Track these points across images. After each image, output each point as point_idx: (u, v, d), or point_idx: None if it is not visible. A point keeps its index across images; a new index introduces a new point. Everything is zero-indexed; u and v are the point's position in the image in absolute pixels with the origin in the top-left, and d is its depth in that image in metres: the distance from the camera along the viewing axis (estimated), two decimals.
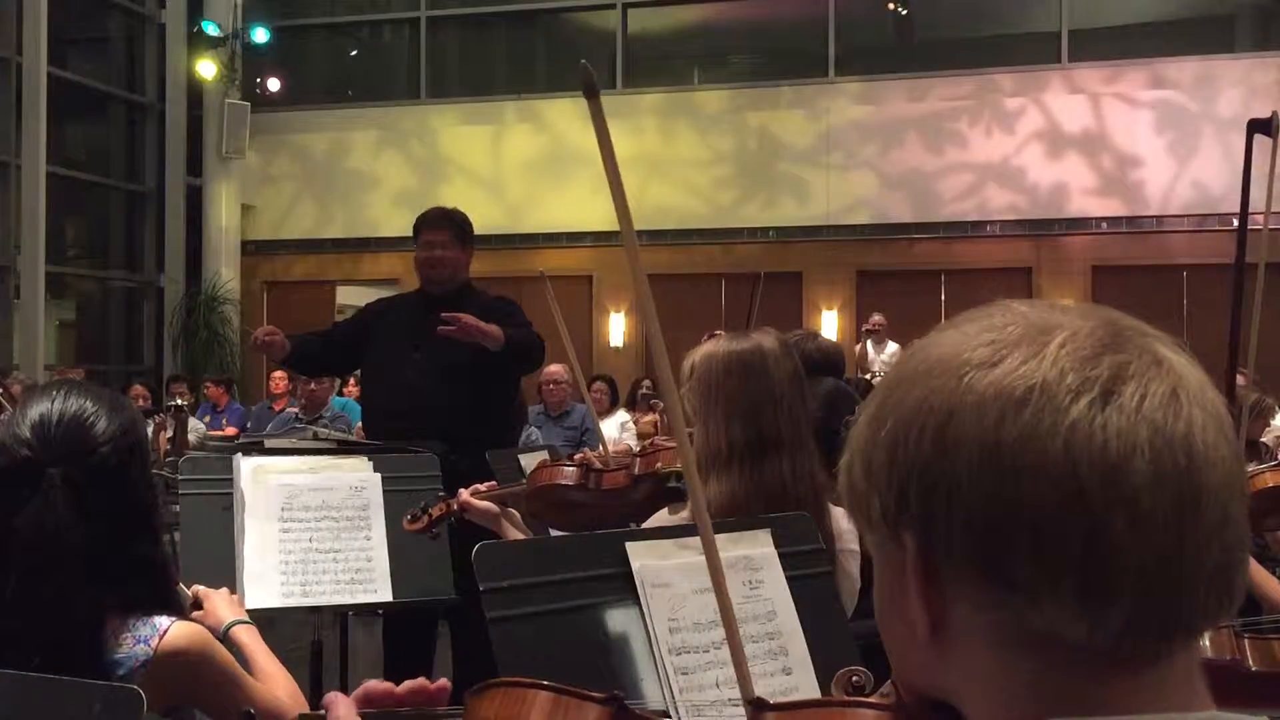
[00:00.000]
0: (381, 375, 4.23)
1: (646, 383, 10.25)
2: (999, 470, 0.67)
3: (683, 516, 2.30)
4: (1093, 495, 0.65)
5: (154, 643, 1.73)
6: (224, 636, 1.96)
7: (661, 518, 2.35)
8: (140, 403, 8.96)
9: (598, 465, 2.92)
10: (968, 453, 0.68)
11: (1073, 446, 0.66)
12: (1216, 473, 0.67)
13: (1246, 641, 2.02)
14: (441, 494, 3.06)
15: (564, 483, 2.95)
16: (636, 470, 2.86)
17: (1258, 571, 2.84)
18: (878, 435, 0.73)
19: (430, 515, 3.00)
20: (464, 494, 2.90)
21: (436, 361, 4.03)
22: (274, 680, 1.92)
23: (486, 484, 3.00)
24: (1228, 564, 0.68)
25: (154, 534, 1.83)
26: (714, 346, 2.36)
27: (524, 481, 3.09)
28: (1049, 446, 0.66)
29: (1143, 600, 0.66)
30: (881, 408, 0.74)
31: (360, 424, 5.16)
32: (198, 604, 2.05)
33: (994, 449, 0.67)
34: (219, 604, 2.03)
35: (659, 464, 2.85)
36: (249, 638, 1.98)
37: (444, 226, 4.30)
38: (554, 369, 7.84)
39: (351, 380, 9.03)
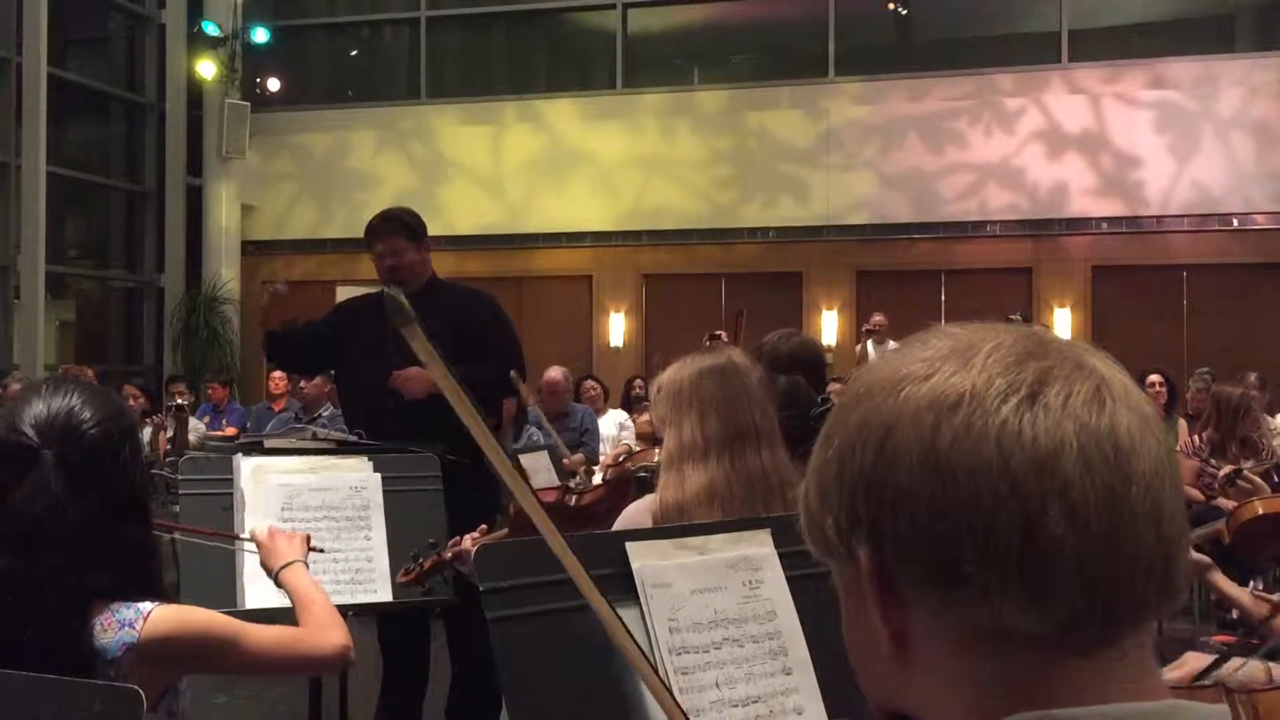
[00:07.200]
0: (359, 377, 4.21)
1: (638, 382, 10.26)
2: (938, 473, 0.71)
3: (649, 501, 2.34)
4: (1026, 488, 0.69)
5: (139, 625, 1.75)
6: (275, 579, 2.12)
7: (632, 507, 2.39)
8: (132, 403, 8.93)
9: (574, 487, 2.97)
10: (907, 460, 0.72)
11: (1004, 444, 0.70)
12: (1144, 463, 0.71)
13: (1236, 697, 2.00)
14: (433, 542, 3.05)
15: (545, 503, 2.99)
16: (610, 477, 2.91)
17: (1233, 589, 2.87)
18: (826, 455, 0.77)
19: (422, 567, 2.99)
20: (467, 542, 2.93)
21: (413, 361, 4.01)
22: (315, 623, 1.99)
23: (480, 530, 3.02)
24: (1166, 554, 0.71)
25: (143, 520, 1.87)
26: (682, 364, 2.43)
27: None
28: (981, 446, 0.70)
29: (1085, 588, 0.69)
30: (829, 430, 0.78)
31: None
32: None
33: (931, 453, 0.71)
34: (279, 546, 2.14)
35: (629, 465, 2.91)
36: (295, 579, 2.07)
37: (395, 233, 4.22)
38: (553, 375, 7.84)
39: None
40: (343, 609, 3.20)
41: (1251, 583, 4.84)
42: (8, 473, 1.76)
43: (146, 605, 1.78)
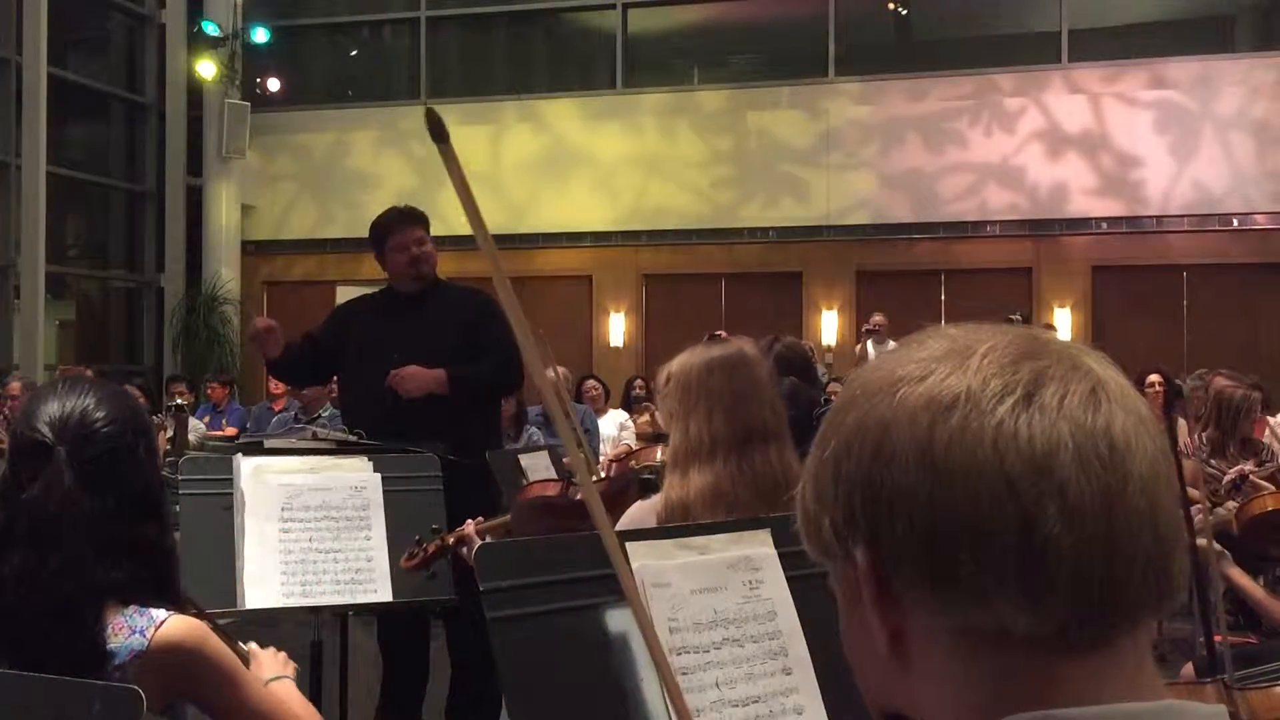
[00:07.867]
0: (361, 378, 4.21)
1: (639, 382, 10.27)
2: (934, 474, 0.71)
3: (654, 502, 2.32)
4: (1022, 489, 0.69)
5: (149, 633, 1.75)
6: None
7: (636, 508, 2.37)
8: None
9: (577, 481, 2.95)
10: (904, 460, 0.72)
11: (1000, 444, 0.70)
12: (1139, 462, 0.71)
13: (1237, 694, 2.00)
14: (436, 528, 3.05)
15: (549, 496, 2.98)
16: (613, 474, 2.90)
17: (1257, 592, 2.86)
18: (823, 456, 0.78)
19: (426, 551, 3.00)
20: (469, 527, 2.93)
21: (415, 362, 4.02)
22: None
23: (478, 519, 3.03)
24: (1162, 553, 0.71)
25: (159, 521, 1.87)
26: (692, 353, 2.36)
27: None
28: (978, 447, 0.70)
29: (1082, 588, 0.69)
30: (826, 432, 0.78)
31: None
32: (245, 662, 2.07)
33: (927, 454, 0.71)
34: (264, 662, 2.04)
35: (632, 463, 2.90)
36: (285, 692, 1.98)
37: (419, 223, 4.26)
38: (553, 376, 7.83)
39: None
40: (343, 609, 3.22)
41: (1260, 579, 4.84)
42: (23, 469, 1.79)
43: (160, 613, 1.77)
